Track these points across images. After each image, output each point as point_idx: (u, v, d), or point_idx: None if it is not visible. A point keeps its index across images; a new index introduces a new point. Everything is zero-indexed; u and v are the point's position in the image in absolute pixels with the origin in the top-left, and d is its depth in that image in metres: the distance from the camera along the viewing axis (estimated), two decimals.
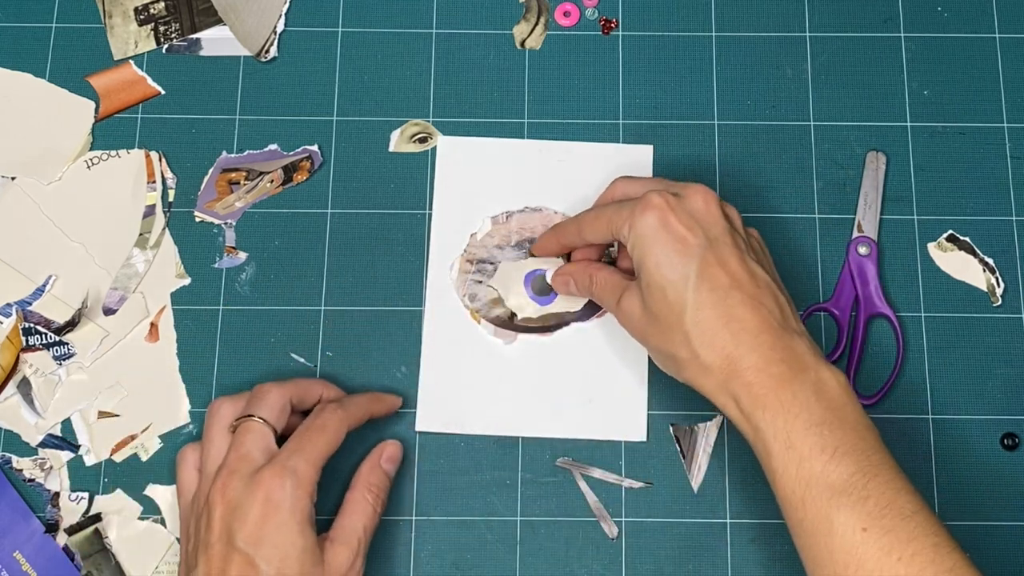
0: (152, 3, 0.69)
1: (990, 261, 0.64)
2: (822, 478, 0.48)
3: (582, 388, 0.62)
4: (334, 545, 0.53)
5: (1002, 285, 0.64)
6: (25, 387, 0.62)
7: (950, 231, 0.65)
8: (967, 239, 0.65)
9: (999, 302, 0.64)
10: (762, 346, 0.51)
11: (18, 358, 0.62)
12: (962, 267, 0.65)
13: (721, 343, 0.51)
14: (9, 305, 0.63)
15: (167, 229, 0.65)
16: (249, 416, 0.54)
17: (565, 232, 0.60)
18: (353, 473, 0.58)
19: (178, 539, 0.60)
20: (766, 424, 0.50)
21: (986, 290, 0.64)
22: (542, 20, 0.69)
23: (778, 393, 0.50)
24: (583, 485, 0.61)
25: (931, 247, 0.65)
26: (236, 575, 0.50)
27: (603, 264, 0.60)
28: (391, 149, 0.67)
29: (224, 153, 0.66)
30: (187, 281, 0.64)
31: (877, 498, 0.47)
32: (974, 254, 0.65)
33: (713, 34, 0.69)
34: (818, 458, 0.48)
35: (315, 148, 0.66)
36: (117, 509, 0.61)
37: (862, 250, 0.64)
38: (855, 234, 0.64)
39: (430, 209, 0.65)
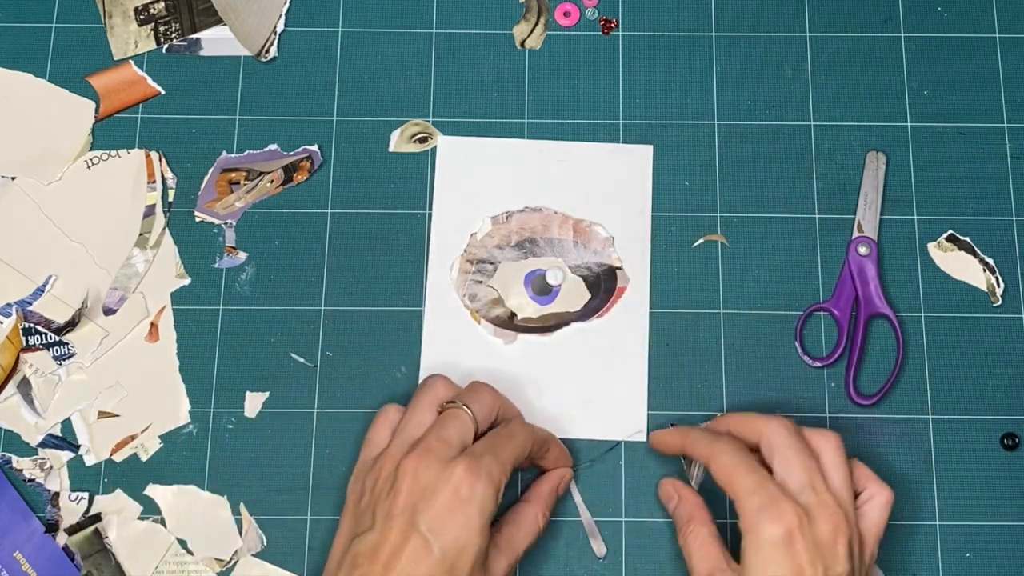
0: (152, 3, 0.69)
1: (990, 261, 0.64)
2: None
3: (582, 388, 0.62)
4: (500, 554, 0.54)
5: (1002, 285, 0.64)
6: (25, 387, 0.62)
7: (950, 231, 0.65)
8: (967, 239, 0.65)
9: (999, 302, 0.64)
10: None
11: (18, 358, 0.62)
12: (962, 267, 0.65)
13: None
14: (9, 305, 0.63)
15: (167, 229, 0.65)
16: (461, 405, 0.55)
17: (696, 446, 0.57)
18: None
19: (179, 540, 0.60)
20: None
21: (986, 290, 0.64)
22: (542, 20, 0.69)
23: None
24: (578, 499, 0.61)
25: (931, 247, 0.65)
26: (411, 553, 0.50)
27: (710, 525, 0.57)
28: (391, 149, 0.67)
29: (224, 153, 0.66)
30: (187, 281, 0.64)
31: None
32: (974, 254, 0.65)
33: (713, 34, 0.69)
34: None
35: (315, 148, 0.66)
36: (117, 509, 0.61)
37: (862, 250, 0.64)
38: (855, 234, 0.64)
39: (430, 209, 0.65)
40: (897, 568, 0.60)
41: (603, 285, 0.64)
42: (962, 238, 0.65)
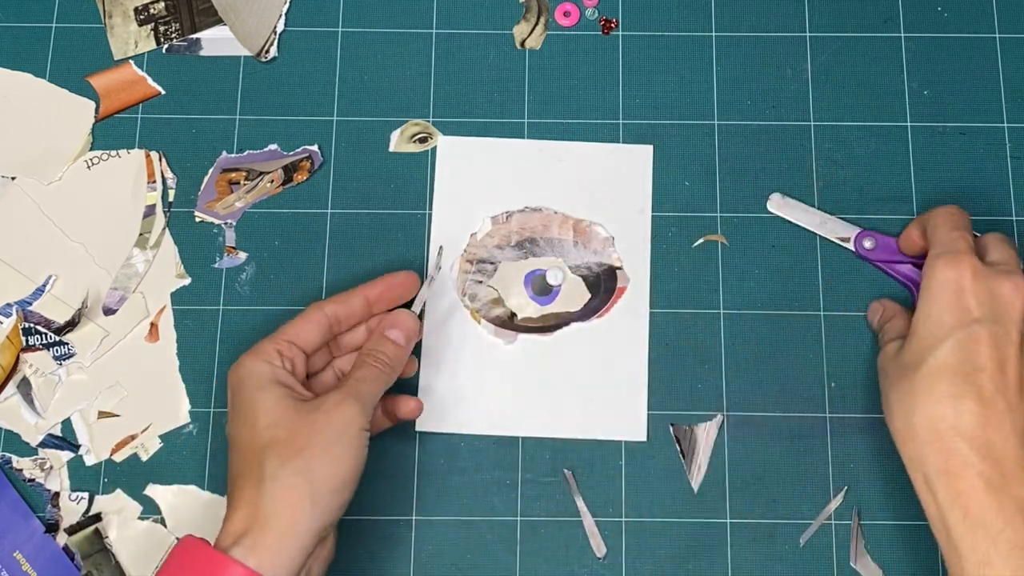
0: (152, 3, 0.69)
1: None
2: None
3: (582, 388, 0.62)
4: (340, 403, 0.52)
5: None
6: (25, 387, 0.62)
7: None
8: None
9: None
10: (976, 440, 0.48)
11: (18, 358, 0.62)
12: None
13: (938, 414, 0.49)
14: (9, 305, 0.63)
15: (167, 229, 0.65)
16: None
17: (916, 224, 0.60)
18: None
19: (178, 539, 0.60)
20: (964, 530, 0.47)
21: None
22: (542, 20, 0.69)
23: (982, 499, 0.47)
24: (578, 499, 0.61)
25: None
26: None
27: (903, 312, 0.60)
28: (391, 149, 0.67)
29: (224, 153, 0.66)
30: (187, 281, 0.64)
31: None
32: None
33: (713, 34, 0.68)
34: None
35: (315, 148, 0.66)
36: (117, 509, 0.61)
37: (867, 244, 0.64)
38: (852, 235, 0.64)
39: (430, 209, 0.65)
40: (897, 568, 0.60)
41: (603, 285, 0.64)
42: None
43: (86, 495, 0.61)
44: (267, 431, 0.51)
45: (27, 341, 0.62)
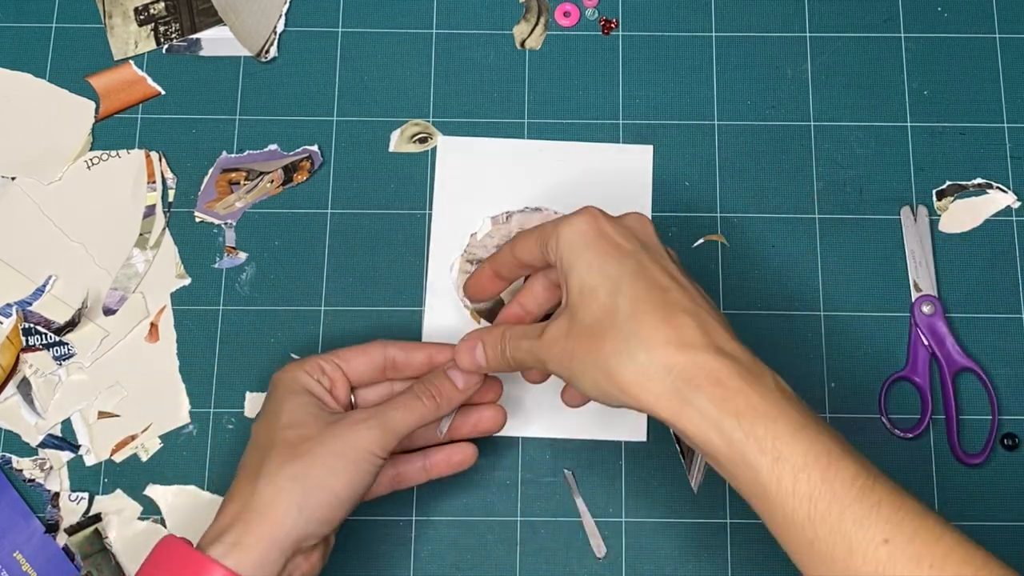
0: (152, 3, 0.69)
1: None
2: (826, 489, 0.42)
3: None
4: (360, 422, 0.51)
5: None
6: (25, 387, 0.62)
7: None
8: None
9: None
10: (711, 347, 0.45)
11: (18, 358, 0.62)
12: None
13: (664, 341, 0.45)
14: (9, 305, 0.63)
15: (167, 229, 0.65)
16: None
17: (498, 258, 0.55)
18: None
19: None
20: (744, 433, 0.43)
21: None
22: (542, 20, 0.69)
23: (748, 396, 0.44)
24: (578, 499, 0.61)
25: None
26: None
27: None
28: (391, 149, 0.67)
29: (224, 153, 0.66)
30: (187, 281, 0.64)
31: (889, 501, 0.42)
32: None
33: (713, 34, 0.68)
34: (815, 466, 0.43)
35: (315, 148, 0.66)
36: (117, 509, 0.61)
37: (926, 309, 0.63)
38: (914, 295, 0.63)
39: (430, 209, 0.65)
40: None
41: None
42: None
43: (86, 495, 0.61)
44: (280, 431, 0.51)
45: (27, 341, 0.62)
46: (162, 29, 0.68)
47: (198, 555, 0.47)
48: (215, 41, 0.68)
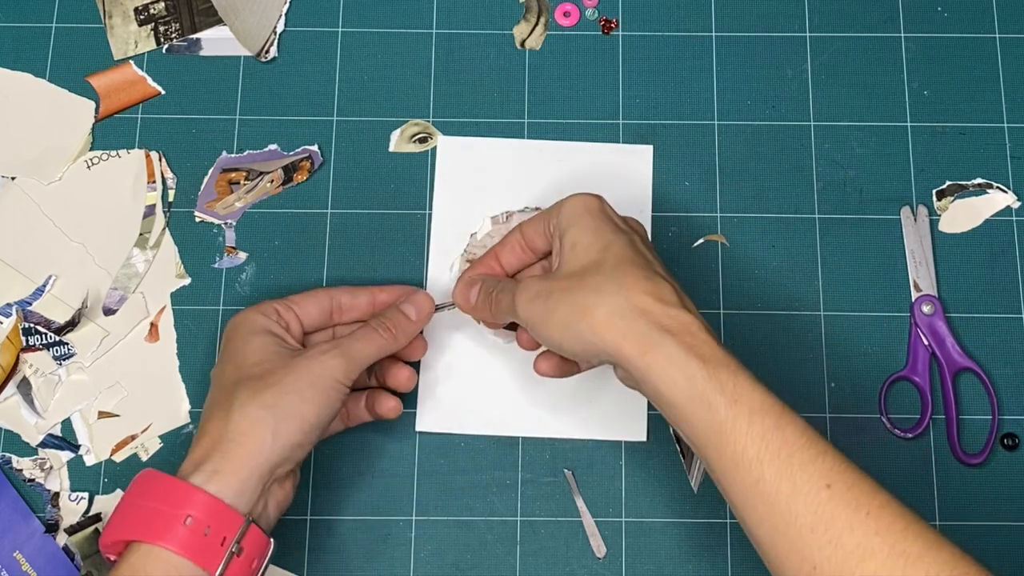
0: (152, 3, 0.69)
1: None
2: (777, 433, 0.46)
3: (582, 388, 0.62)
4: (325, 352, 0.53)
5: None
6: (25, 387, 0.62)
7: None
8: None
9: None
10: (684, 307, 0.49)
11: (18, 358, 0.62)
12: None
13: (643, 292, 0.49)
14: (9, 305, 0.63)
15: (167, 229, 0.65)
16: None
17: (504, 242, 0.59)
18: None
19: None
20: (706, 375, 0.47)
21: None
22: (542, 20, 0.69)
23: (714, 349, 0.48)
24: (578, 499, 0.61)
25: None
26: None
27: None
28: (391, 149, 0.67)
29: (224, 153, 0.66)
30: (187, 281, 0.64)
31: (833, 453, 0.46)
32: None
33: (713, 34, 0.68)
34: (769, 413, 0.46)
35: (315, 148, 0.66)
36: None
37: (926, 309, 0.63)
38: (914, 294, 0.63)
39: (430, 209, 0.65)
40: None
41: None
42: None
43: (86, 495, 0.61)
44: (247, 368, 0.53)
45: (27, 341, 0.62)
46: (162, 29, 0.68)
47: (181, 483, 0.49)
48: (215, 41, 0.68)
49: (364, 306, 0.59)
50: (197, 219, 0.65)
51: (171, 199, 0.66)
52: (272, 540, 0.51)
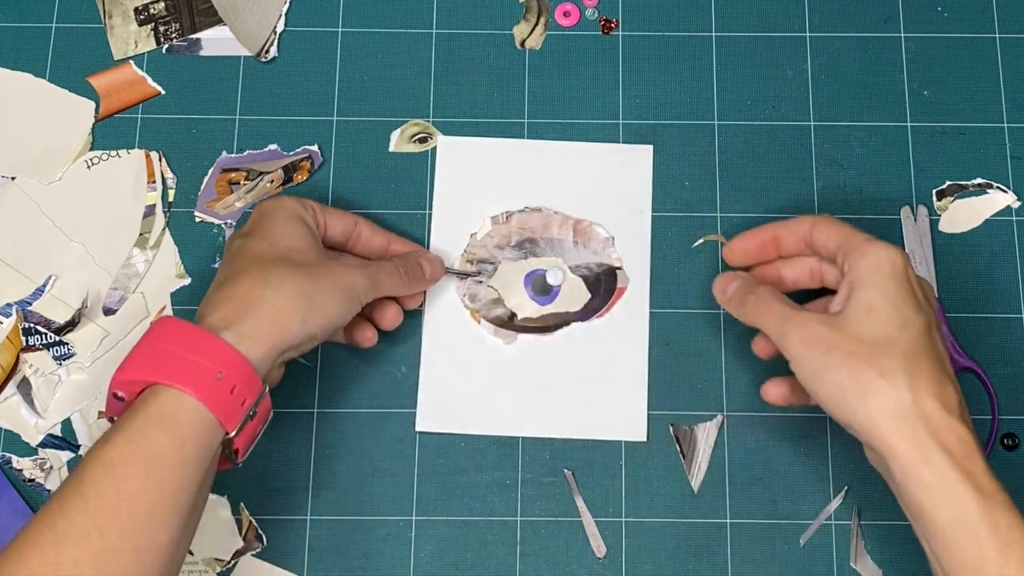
0: (152, 3, 0.69)
1: None
2: None
3: (582, 388, 0.62)
4: (356, 267, 0.56)
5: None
6: (25, 387, 0.62)
7: None
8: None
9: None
10: (962, 415, 0.48)
11: (18, 358, 0.62)
12: None
13: (933, 395, 0.48)
14: (9, 305, 0.63)
15: (167, 229, 0.65)
16: None
17: (791, 227, 0.57)
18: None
19: None
20: (983, 509, 0.46)
21: None
22: (542, 20, 0.69)
23: (988, 476, 0.47)
24: (578, 499, 0.61)
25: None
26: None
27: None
28: (391, 149, 0.67)
29: (224, 153, 0.66)
30: (187, 281, 0.64)
31: None
32: None
33: (713, 34, 0.68)
34: None
35: (315, 148, 0.66)
36: None
37: None
38: None
39: (430, 209, 0.65)
40: (897, 568, 0.60)
41: (603, 285, 0.64)
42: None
43: None
44: (286, 250, 0.54)
45: (27, 341, 0.62)
46: (162, 29, 0.68)
47: (215, 338, 0.49)
48: (215, 41, 0.68)
49: (378, 247, 0.61)
50: (197, 219, 0.65)
51: (171, 199, 0.66)
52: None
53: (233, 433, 0.49)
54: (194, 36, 0.68)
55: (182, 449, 0.47)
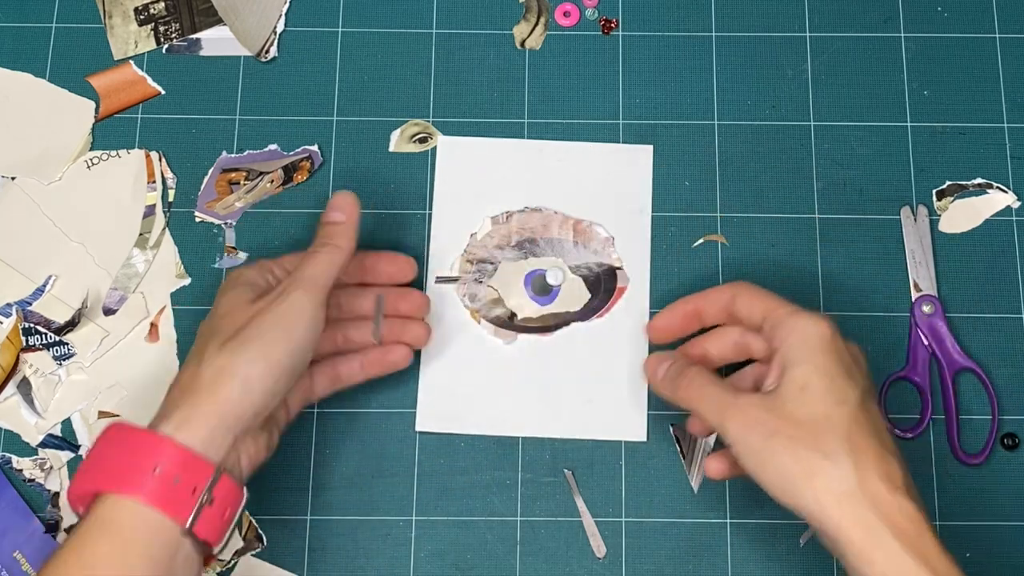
0: (152, 3, 0.69)
1: None
2: None
3: (582, 388, 0.62)
4: (283, 291, 0.53)
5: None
6: (25, 387, 0.62)
7: None
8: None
9: None
10: (907, 489, 0.48)
11: (18, 358, 0.62)
12: None
13: (879, 477, 0.48)
14: (9, 305, 0.63)
15: (167, 229, 0.65)
16: None
17: (709, 298, 0.57)
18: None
19: None
20: None
21: None
22: (542, 20, 0.69)
23: (938, 554, 0.47)
24: (578, 499, 0.61)
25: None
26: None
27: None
28: (391, 149, 0.67)
29: (224, 153, 0.66)
30: (187, 281, 0.64)
31: None
32: None
33: (713, 34, 0.69)
34: None
35: (315, 148, 0.66)
36: None
37: (926, 309, 0.62)
38: (914, 295, 0.63)
39: (430, 209, 0.65)
40: None
41: (603, 285, 0.64)
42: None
43: None
44: (218, 321, 0.53)
45: (27, 341, 0.62)
46: (162, 29, 0.68)
47: (149, 433, 0.49)
48: (215, 41, 0.68)
49: (354, 269, 0.59)
50: (197, 219, 0.65)
51: (171, 199, 0.66)
52: (245, 490, 0.51)
53: (187, 524, 0.47)
54: (194, 36, 0.68)
55: (125, 554, 0.46)
